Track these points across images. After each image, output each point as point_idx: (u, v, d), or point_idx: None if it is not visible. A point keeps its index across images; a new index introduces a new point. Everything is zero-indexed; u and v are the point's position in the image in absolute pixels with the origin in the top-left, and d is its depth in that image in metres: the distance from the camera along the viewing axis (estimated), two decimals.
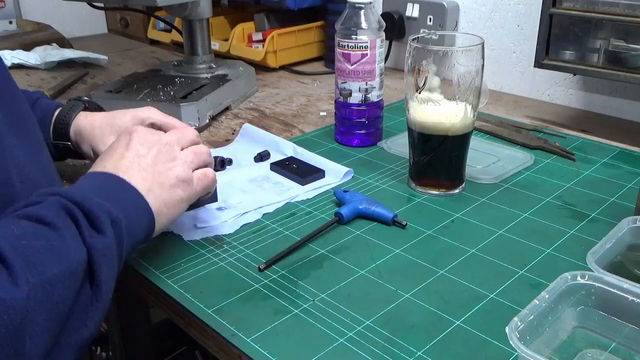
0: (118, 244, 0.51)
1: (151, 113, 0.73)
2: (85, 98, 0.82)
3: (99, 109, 0.83)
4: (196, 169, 0.64)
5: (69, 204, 0.49)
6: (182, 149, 0.64)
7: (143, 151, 0.60)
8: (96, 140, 0.74)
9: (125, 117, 0.74)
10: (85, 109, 0.79)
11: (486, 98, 1.07)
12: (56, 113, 0.77)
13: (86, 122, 0.76)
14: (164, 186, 0.59)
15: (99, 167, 0.59)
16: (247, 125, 0.96)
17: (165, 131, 0.70)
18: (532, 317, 0.47)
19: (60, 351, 0.45)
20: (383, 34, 0.87)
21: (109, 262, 0.49)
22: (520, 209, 0.73)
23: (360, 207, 0.71)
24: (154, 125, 0.72)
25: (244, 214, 0.72)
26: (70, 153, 0.79)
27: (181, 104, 0.96)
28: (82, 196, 0.50)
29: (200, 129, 0.99)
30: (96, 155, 0.73)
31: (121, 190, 0.56)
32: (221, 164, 0.83)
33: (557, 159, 0.87)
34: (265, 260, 0.63)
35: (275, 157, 0.87)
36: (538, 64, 0.95)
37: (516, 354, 0.50)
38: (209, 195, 0.68)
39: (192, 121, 0.97)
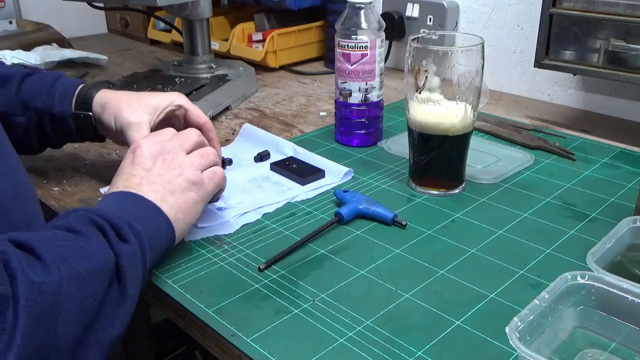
0: (142, 253, 0.54)
1: (181, 98, 0.76)
2: (112, 81, 0.84)
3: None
4: (204, 170, 0.65)
5: (94, 216, 0.53)
6: (187, 153, 0.65)
7: (149, 165, 0.62)
8: (121, 109, 0.73)
9: (153, 96, 0.75)
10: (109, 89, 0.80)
11: (486, 98, 1.07)
12: (79, 88, 0.77)
13: (113, 95, 0.76)
14: (175, 193, 0.61)
15: (112, 189, 0.61)
16: (247, 125, 0.96)
17: (188, 119, 0.75)
18: (532, 317, 0.47)
19: (89, 350, 0.47)
20: (383, 34, 0.87)
21: (135, 267, 0.53)
22: (520, 209, 0.73)
23: (360, 207, 0.71)
24: (180, 108, 0.75)
25: (244, 214, 0.72)
26: (87, 131, 0.78)
27: None
28: (106, 210, 0.55)
29: None
30: (116, 125, 0.73)
31: (137, 205, 0.59)
32: (221, 164, 0.83)
33: (557, 159, 0.87)
34: (265, 260, 0.63)
35: (275, 157, 0.87)
36: (538, 64, 0.95)
37: (516, 354, 0.50)
38: (222, 192, 0.70)
39: None
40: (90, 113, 0.76)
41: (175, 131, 0.68)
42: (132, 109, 0.73)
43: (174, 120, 0.76)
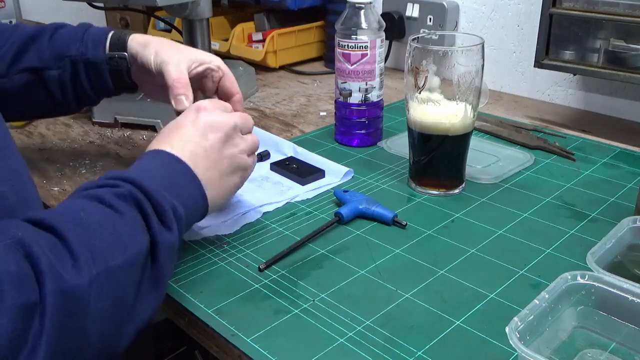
0: (180, 239, 0.54)
1: (221, 62, 0.73)
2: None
3: None
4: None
5: (139, 195, 0.51)
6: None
7: (211, 135, 0.61)
8: (164, 47, 0.71)
9: (196, 50, 0.73)
10: None
11: (486, 98, 1.07)
12: (111, 32, 0.75)
13: (155, 37, 0.74)
14: (223, 174, 0.61)
15: (165, 143, 0.59)
16: None
17: (222, 85, 0.73)
18: (532, 317, 0.47)
19: (116, 340, 0.46)
20: (383, 34, 0.87)
21: (172, 257, 0.52)
22: (520, 209, 0.73)
23: (360, 207, 0.71)
24: (218, 70, 0.72)
25: (244, 213, 0.72)
26: (121, 76, 0.74)
27: None
28: (152, 188, 0.52)
29: None
30: (156, 61, 0.70)
31: (185, 181, 0.57)
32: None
33: (557, 159, 0.87)
34: (265, 260, 0.63)
35: (275, 157, 0.87)
36: (538, 64, 0.95)
37: (516, 354, 0.50)
38: None
39: None
40: (125, 53, 0.73)
41: (230, 107, 0.68)
42: (175, 49, 0.71)
43: (206, 81, 0.74)
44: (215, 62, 0.73)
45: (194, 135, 0.60)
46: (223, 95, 0.74)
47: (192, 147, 0.59)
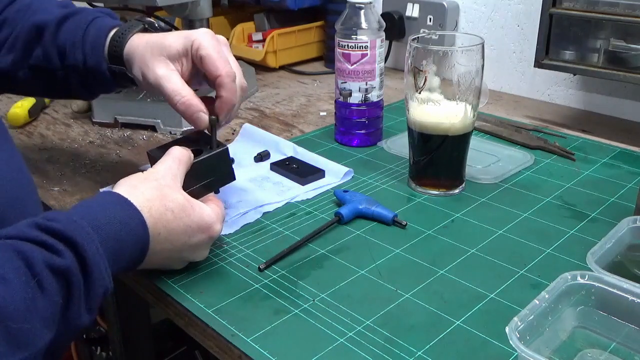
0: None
1: (203, 41, 0.65)
2: (148, 19, 0.74)
3: (161, 30, 0.73)
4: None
5: (76, 275, 0.45)
6: None
7: (199, 234, 0.59)
8: (145, 61, 0.66)
9: (178, 38, 0.66)
10: (145, 30, 0.71)
11: (486, 98, 1.07)
12: (111, 34, 0.69)
13: (138, 44, 0.67)
14: (174, 254, 0.59)
15: (146, 197, 0.55)
16: (247, 125, 0.96)
17: (205, 67, 0.65)
18: (532, 317, 0.47)
19: None
20: (383, 34, 0.87)
21: (78, 335, 0.49)
22: (520, 209, 0.73)
23: (360, 207, 0.71)
24: (199, 51, 0.65)
25: (244, 213, 0.72)
26: (125, 81, 0.71)
27: None
28: (95, 265, 0.47)
29: None
30: (147, 80, 0.66)
31: (135, 250, 0.54)
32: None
33: (557, 159, 0.87)
34: (265, 260, 0.63)
35: (275, 157, 0.87)
36: (538, 64, 0.95)
37: (516, 354, 0.50)
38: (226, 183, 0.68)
39: None
40: (124, 67, 0.69)
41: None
42: (155, 60, 0.65)
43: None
44: (202, 48, 0.65)
45: (180, 225, 0.57)
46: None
47: (169, 223, 0.56)
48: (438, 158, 0.76)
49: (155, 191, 0.56)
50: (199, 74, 0.68)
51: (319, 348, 0.51)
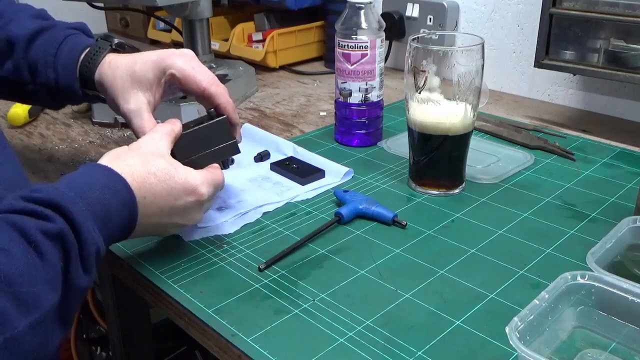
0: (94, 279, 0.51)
1: (172, 63, 0.67)
2: (116, 40, 0.74)
3: (129, 49, 0.74)
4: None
5: (69, 236, 0.47)
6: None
7: (185, 197, 0.60)
8: (117, 92, 0.67)
9: (147, 65, 0.67)
10: (113, 50, 0.71)
11: (486, 98, 1.07)
12: (81, 58, 0.70)
13: (108, 71, 0.68)
14: (163, 219, 0.60)
15: (128, 163, 0.57)
16: (247, 125, 0.96)
17: (186, 86, 0.67)
18: (532, 317, 0.47)
19: None
20: (383, 34, 0.87)
21: (82, 298, 0.50)
22: (520, 209, 0.73)
23: (360, 207, 0.71)
24: (174, 77, 0.67)
25: (244, 213, 0.72)
26: (98, 98, 0.73)
27: (181, 104, 0.96)
28: (84, 225, 0.48)
29: None
30: (118, 112, 0.69)
31: (123, 213, 0.55)
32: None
33: (557, 159, 0.87)
34: (265, 260, 0.63)
35: (275, 157, 0.87)
36: (538, 64, 0.95)
37: (516, 354, 0.50)
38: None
39: None
40: (97, 92, 0.71)
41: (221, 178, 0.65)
42: (125, 90, 0.67)
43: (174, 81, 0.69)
44: (173, 68, 0.67)
45: (164, 188, 0.58)
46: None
47: (153, 186, 0.57)
48: (438, 158, 0.76)
49: (138, 158, 0.58)
50: (171, 87, 0.70)
51: (319, 348, 0.51)
